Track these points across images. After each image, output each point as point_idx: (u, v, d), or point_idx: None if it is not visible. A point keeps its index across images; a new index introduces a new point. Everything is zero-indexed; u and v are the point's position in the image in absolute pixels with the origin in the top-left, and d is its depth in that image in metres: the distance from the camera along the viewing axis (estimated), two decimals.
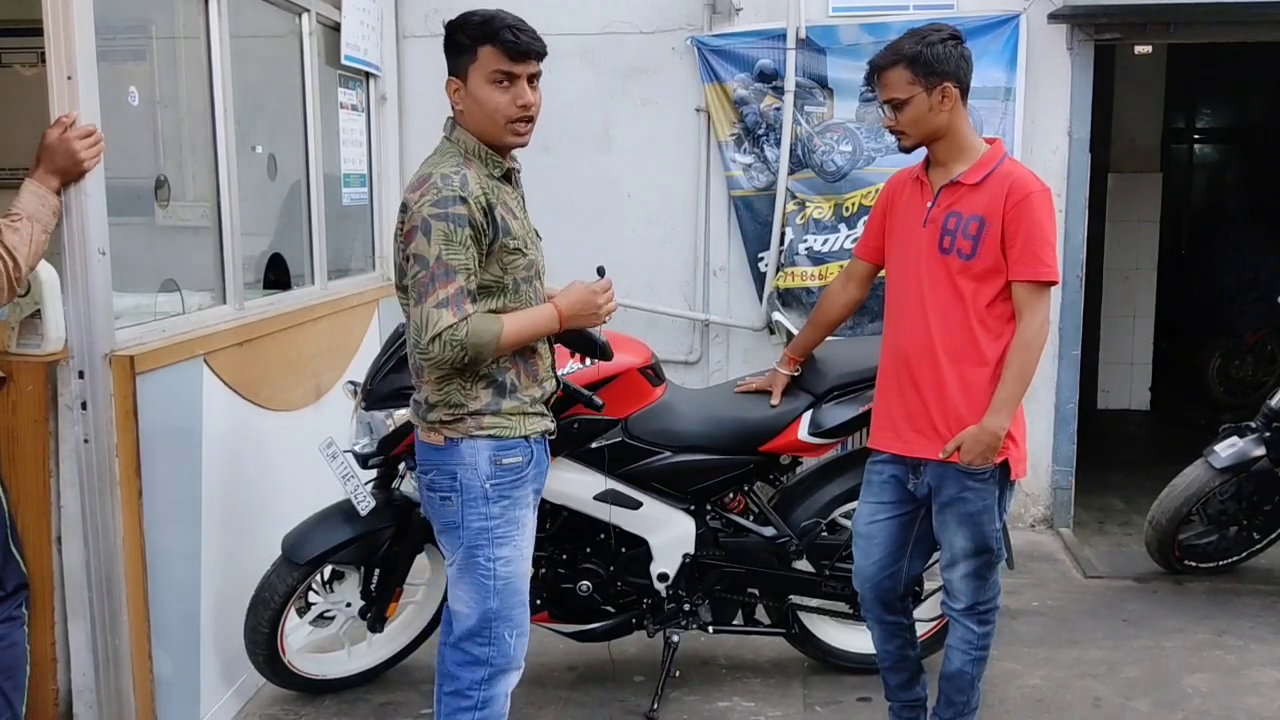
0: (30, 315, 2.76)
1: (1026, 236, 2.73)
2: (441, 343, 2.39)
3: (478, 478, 2.54)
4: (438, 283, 2.39)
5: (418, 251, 2.41)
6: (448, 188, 2.42)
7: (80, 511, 2.82)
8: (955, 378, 2.81)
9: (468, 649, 2.63)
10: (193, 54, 3.56)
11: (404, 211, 2.47)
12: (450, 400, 2.53)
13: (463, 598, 2.62)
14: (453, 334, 2.39)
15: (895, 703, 3.22)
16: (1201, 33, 5.07)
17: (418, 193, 2.44)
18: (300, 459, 3.69)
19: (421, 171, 2.51)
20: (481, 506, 2.55)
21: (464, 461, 2.54)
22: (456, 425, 2.53)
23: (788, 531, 3.53)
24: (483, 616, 2.60)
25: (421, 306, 2.40)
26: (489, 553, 2.57)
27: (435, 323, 2.39)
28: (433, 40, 5.22)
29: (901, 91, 2.78)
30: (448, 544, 2.63)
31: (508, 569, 2.60)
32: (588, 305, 2.65)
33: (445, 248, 2.39)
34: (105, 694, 2.90)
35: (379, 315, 4.78)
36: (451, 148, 2.55)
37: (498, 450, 2.55)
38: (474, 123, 2.54)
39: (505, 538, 2.59)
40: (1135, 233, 7.35)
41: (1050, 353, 4.96)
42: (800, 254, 5.03)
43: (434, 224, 2.39)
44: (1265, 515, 4.54)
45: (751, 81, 5.07)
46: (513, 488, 2.59)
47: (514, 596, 2.63)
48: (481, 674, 2.63)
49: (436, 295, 2.39)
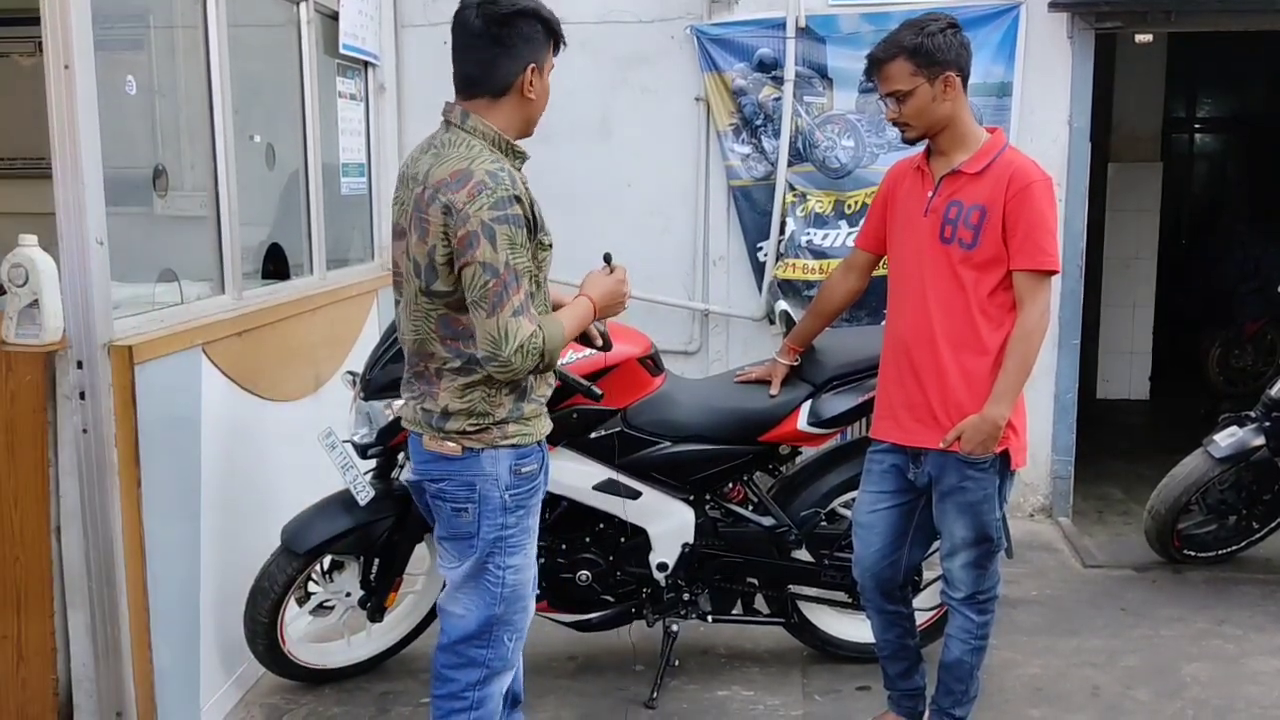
0: (28, 305, 2.75)
1: (1027, 226, 2.72)
2: (524, 353, 2.32)
3: (497, 488, 2.47)
4: (510, 291, 2.30)
5: (485, 260, 2.28)
6: (500, 187, 2.30)
7: (79, 501, 2.82)
8: (956, 367, 2.81)
9: (463, 651, 2.57)
10: (190, 43, 3.55)
11: (449, 214, 2.31)
12: (475, 410, 2.44)
13: (464, 601, 2.56)
14: (533, 342, 2.33)
15: (894, 691, 3.22)
16: (1202, 21, 5.06)
17: (464, 192, 2.29)
18: (299, 449, 3.68)
19: (454, 166, 2.34)
20: (499, 517, 2.49)
21: (483, 472, 2.46)
22: (480, 436, 2.45)
23: (787, 521, 3.53)
24: (484, 622, 2.55)
25: (497, 317, 2.30)
26: (500, 561, 2.52)
27: (516, 333, 2.30)
28: (431, 29, 5.23)
29: (904, 84, 2.77)
30: (455, 551, 2.55)
31: (516, 577, 2.56)
32: (616, 294, 2.65)
33: (511, 253, 2.30)
34: (105, 683, 2.91)
35: (378, 305, 4.77)
36: (472, 138, 2.42)
37: (518, 459, 2.49)
38: (535, 110, 2.50)
39: (517, 546, 2.54)
40: (1135, 222, 7.34)
41: (1050, 342, 4.95)
42: (801, 246, 5.03)
43: (497, 229, 2.28)
44: (1264, 505, 4.55)
45: (750, 71, 5.06)
46: (528, 496, 2.54)
47: (518, 603, 2.59)
48: (477, 675, 2.58)
49: (511, 303, 2.30)
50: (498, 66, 2.42)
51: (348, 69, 4.82)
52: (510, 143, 2.47)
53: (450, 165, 2.35)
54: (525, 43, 2.42)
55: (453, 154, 2.38)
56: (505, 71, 2.42)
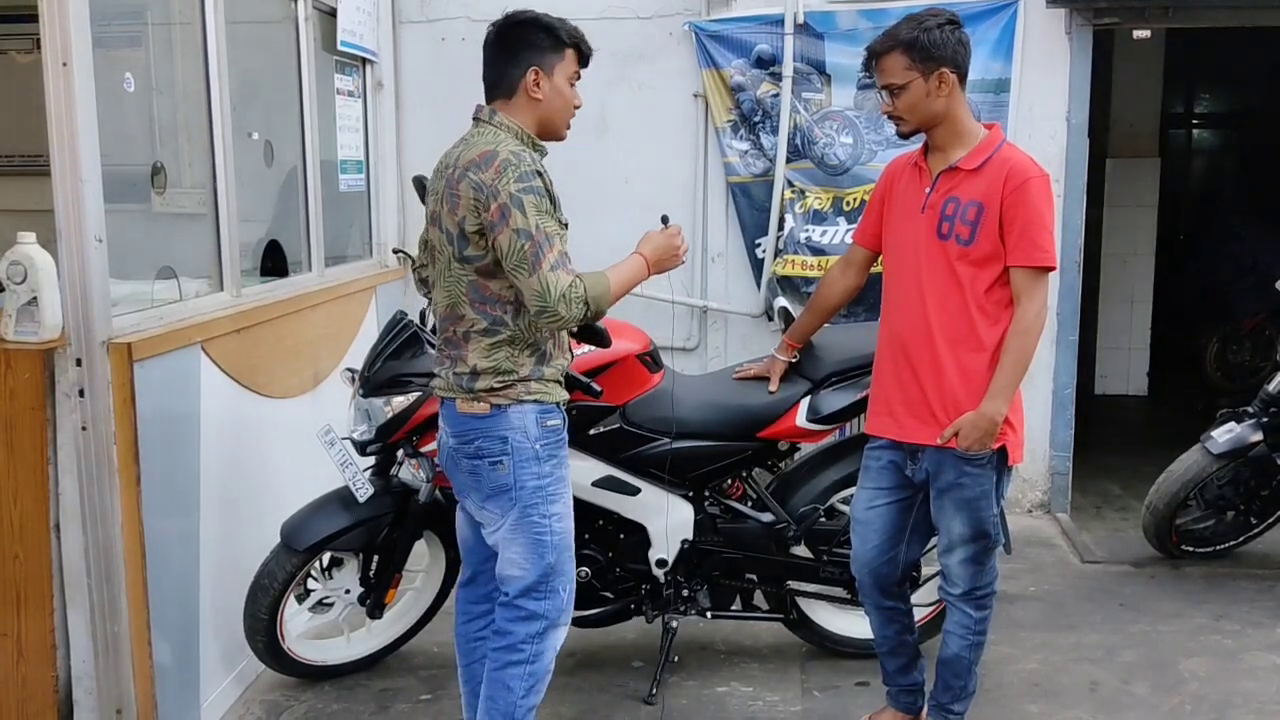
0: (27, 303, 2.76)
1: (1024, 222, 2.73)
2: (568, 301, 2.52)
3: (528, 439, 2.66)
4: (544, 249, 2.51)
5: (517, 226, 2.51)
6: (523, 164, 2.54)
7: (79, 499, 2.82)
8: (953, 363, 2.81)
9: (523, 604, 2.73)
10: (188, 40, 3.54)
11: (478, 191, 2.53)
12: (500, 367, 2.64)
13: (517, 558, 2.72)
14: (574, 290, 2.53)
15: (893, 687, 3.23)
16: (1200, 17, 5.06)
17: (491, 170, 2.52)
18: (298, 446, 3.69)
19: (482, 148, 2.58)
20: (534, 466, 2.68)
21: (513, 426, 2.65)
22: (506, 391, 2.64)
23: (786, 517, 3.53)
24: (542, 572, 2.72)
25: (538, 274, 2.51)
26: (544, 509, 2.70)
27: (556, 284, 2.51)
28: (429, 26, 5.24)
29: (899, 77, 2.77)
30: (497, 507, 2.70)
31: (561, 524, 2.74)
32: (669, 249, 2.83)
33: (539, 218, 2.52)
34: (104, 680, 2.91)
35: (376, 302, 4.77)
36: (499, 131, 2.65)
37: (542, 414, 2.69)
38: (546, 111, 2.72)
39: (556, 495, 2.73)
40: (1133, 218, 7.34)
41: (1048, 338, 4.97)
42: (800, 242, 5.03)
43: (524, 198, 2.51)
44: (1262, 500, 4.55)
45: (748, 68, 5.06)
46: (558, 447, 2.73)
47: (566, 551, 2.77)
48: (536, 628, 2.74)
49: (547, 260, 2.51)
50: (504, 71, 2.71)
51: (346, 66, 4.81)
52: (532, 137, 2.72)
53: (478, 148, 2.60)
54: (527, 48, 2.69)
55: (480, 140, 2.64)
56: (510, 74, 2.70)
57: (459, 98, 5.35)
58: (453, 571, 3.75)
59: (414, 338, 3.35)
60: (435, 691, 3.58)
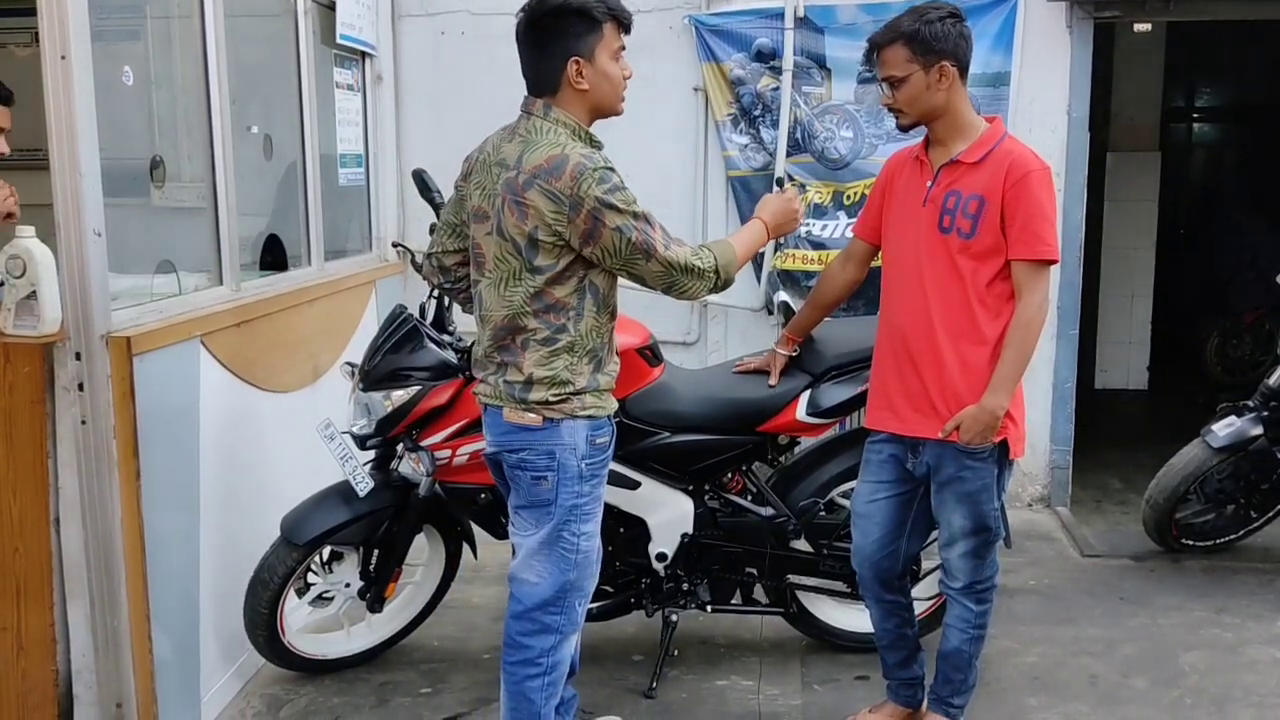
0: (26, 296, 2.75)
1: (1026, 215, 2.72)
2: (695, 273, 2.56)
3: (575, 457, 2.60)
4: (650, 233, 2.52)
5: (618, 224, 2.48)
6: (594, 164, 2.48)
7: (78, 493, 2.82)
8: (954, 357, 2.81)
9: (538, 618, 2.69)
10: (187, 33, 3.54)
11: (556, 202, 2.45)
12: (558, 378, 2.56)
13: (539, 569, 2.67)
14: (695, 262, 2.56)
15: (893, 681, 3.23)
16: (1201, 10, 5.05)
17: (566, 178, 2.45)
18: (298, 440, 3.69)
19: (548, 152, 2.48)
20: (576, 485, 2.62)
21: (563, 442, 2.59)
22: (561, 405, 2.57)
23: (786, 511, 3.53)
24: (560, 588, 2.67)
25: (656, 257, 2.52)
26: (575, 528, 2.65)
27: (679, 258, 2.54)
28: (429, 19, 5.23)
29: (899, 69, 2.77)
30: (533, 518, 2.66)
31: (589, 543, 2.69)
32: (788, 212, 2.85)
33: (631, 207, 2.51)
34: (104, 674, 2.91)
35: (376, 296, 4.77)
36: (556, 127, 2.55)
37: (593, 430, 2.63)
38: (595, 98, 2.60)
39: (590, 514, 2.68)
40: (1134, 212, 7.34)
41: (1048, 332, 4.96)
42: (800, 236, 5.02)
43: (611, 196, 2.48)
44: (1262, 494, 4.55)
45: (748, 61, 5.05)
46: (602, 466, 2.69)
47: (589, 568, 2.73)
48: (552, 641, 2.71)
49: (658, 241, 2.52)
50: (540, 68, 2.58)
51: (345, 59, 4.80)
52: (590, 134, 2.62)
53: (544, 151, 2.50)
54: (559, 39, 2.54)
55: (543, 141, 2.52)
56: (549, 70, 2.56)
57: (459, 92, 5.41)
58: (452, 566, 3.76)
59: (414, 332, 3.35)
60: (435, 685, 3.58)
